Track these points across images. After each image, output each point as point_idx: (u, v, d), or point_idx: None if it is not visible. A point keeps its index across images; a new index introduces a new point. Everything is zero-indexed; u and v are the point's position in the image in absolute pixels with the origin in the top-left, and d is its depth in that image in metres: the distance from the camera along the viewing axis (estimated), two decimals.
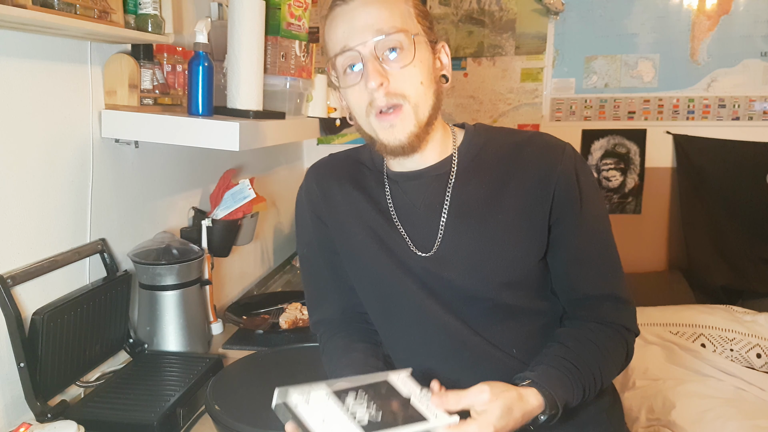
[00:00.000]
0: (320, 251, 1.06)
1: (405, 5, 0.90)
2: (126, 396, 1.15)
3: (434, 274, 0.94)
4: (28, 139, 1.10)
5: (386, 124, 0.88)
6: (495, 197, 0.93)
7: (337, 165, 1.05)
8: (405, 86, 0.87)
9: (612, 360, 0.92)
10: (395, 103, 0.87)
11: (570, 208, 0.92)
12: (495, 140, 0.98)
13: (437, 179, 0.95)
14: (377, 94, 0.86)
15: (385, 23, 0.86)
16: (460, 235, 0.93)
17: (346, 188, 1.01)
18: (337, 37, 0.89)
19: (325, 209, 1.03)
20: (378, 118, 0.88)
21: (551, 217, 0.92)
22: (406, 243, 0.95)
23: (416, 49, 0.87)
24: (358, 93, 0.89)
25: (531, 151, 0.94)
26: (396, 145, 0.89)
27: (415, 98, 0.88)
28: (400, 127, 0.88)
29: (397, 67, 0.87)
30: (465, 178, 0.95)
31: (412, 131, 0.88)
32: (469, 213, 0.93)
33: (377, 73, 0.85)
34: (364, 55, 0.87)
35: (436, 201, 0.95)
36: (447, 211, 0.94)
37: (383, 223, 0.97)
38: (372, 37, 0.86)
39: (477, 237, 0.92)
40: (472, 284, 0.93)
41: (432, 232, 0.94)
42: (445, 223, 0.93)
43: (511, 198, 0.92)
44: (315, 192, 1.04)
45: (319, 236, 1.05)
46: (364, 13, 0.87)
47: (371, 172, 1.02)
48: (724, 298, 2.48)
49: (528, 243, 0.92)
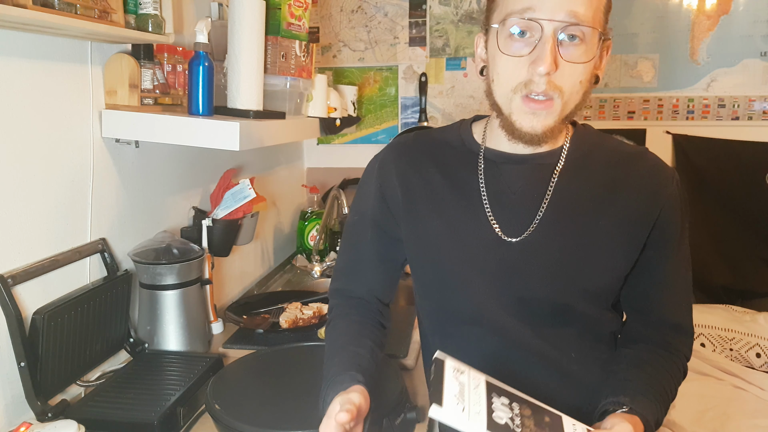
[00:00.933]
0: (370, 225, 1.02)
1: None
2: (126, 395, 1.15)
3: (513, 264, 0.90)
4: (29, 139, 1.10)
5: (529, 110, 0.83)
6: (600, 201, 0.91)
7: (422, 145, 1.00)
8: (566, 81, 0.82)
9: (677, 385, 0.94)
10: (550, 95, 0.82)
11: (670, 233, 0.92)
12: (604, 144, 0.96)
13: (542, 168, 0.92)
14: (540, 79, 0.80)
15: (582, 7, 0.79)
16: (555, 229, 0.90)
17: (428, 171, 0.97)
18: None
19: (397, 190, 0.98)
20: (524, 101, 0.83)
21: (650, 237, 0.91)
22: (493, 227, 0.91)
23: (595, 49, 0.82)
24: (517, 66, 0.82)
25: (643, 167, 0.93)
26: (529, 132, 0.85)
27: (569, 95, 0.83)
28: (543, 118, 0.83)
29: (570, 60, 0.80)
30: (572, 174, 0.92)
31: (550, 125, 0.84)
32: (570, 209, 0.90)
33: (551, 60, 0.78)
34: (545, 31, 0.79)
35: (538, 189, 0.91)
36: (548, 202, 0.90)
37: (468, 207, 0.93)
38: (564, 17, 0.78)
39: (573, 235, 0.90)
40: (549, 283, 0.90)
41: (525, 220, 0.91)
42: (544, 213, 0.90)
43: (615, 206, 0.90)
44: (390, 170, 0.99)
45: (375, 212, 1.01)
46: None
47: (461, 153, 0.97)
48: (724, 297, 2.48)
49: (621, 256, 0.91)
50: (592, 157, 0.94)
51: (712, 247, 2.60)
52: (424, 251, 0.98)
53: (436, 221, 0.95)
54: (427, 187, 0.96)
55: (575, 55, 0.81)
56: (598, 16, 0.82)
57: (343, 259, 1.08)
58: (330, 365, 0.91)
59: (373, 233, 1.03)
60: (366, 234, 1.03)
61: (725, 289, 2.54)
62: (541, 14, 0.79)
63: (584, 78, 0.83)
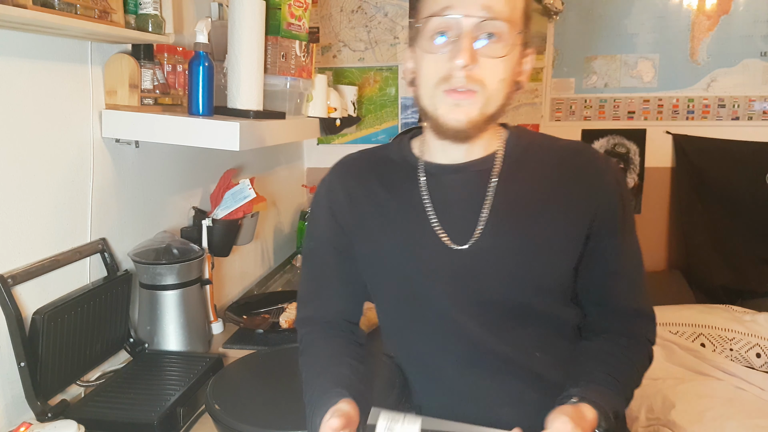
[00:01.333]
0: (328, 248, 1.03)
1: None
2: (126, 395, 1.15)
3: (467, 271, 0.92)
4: (29, 139, 1.10)
5: (452, 102, 0.85)
6: (540, 199, 0.92)
7: (366, 163, 1.02)
8: (487, 75, 0.84)
9: (641, 371, 0.94)
10: (472, 87, 0.84)
11: (612, 222, 0.93)
12: (539, 144, 0.97)
13: (479, 174, 0.93)
14: (459, 72, 0.83)
15: (497, 4, 0.82)
16: (500, 232, 0.91)
17: (373, 188, 0.98)
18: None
19: (346, 209, 1.00)
20: (446, 93, 0.85)
21: (591, 228, 0.92)
22: (440, 237, 0.93)
23: (511, 46, 0.84)
24: (438, 62, 0.84)
25: (579, 161, 0.94)
26: (454, 125, 0.86)
27: (491, 90, 0.85)
28: (466, 108, 0.85)
29: (488, 55, 0.83)
30: (509, 177, 0.93)
31: (474, 118, 0.86)
32: (512, 211, 0.92)
33: (468, 53, 0.81)
34: (462, 28, 0.82)
35: (477, 196, 0.93)
36: (489, 207, 0.92)
37: (414, 220, 0.94)
38: (480, 12, 0.82)
39: (518, 236, 0.91)
40: (504, 284, 0.92)
41: (470, 227, 0.92)
42: (487, 218, 0.91)
43: (556, 203, 0.92)
44: (337, 190, 1.01)
45: (330, 234, 1.03)
46: None
47: (402, 167, 0.99)
48: (724, 297, 2.48)
49: (566, 250, 0.92)
50: (528, 157, 0.95)
51: (712, 247, 2.60)
52: (378, 267, 0.99)
53: (387, 236, 0.96)
54: (374, 202, 0.98)
55: (493, 50, 0.83)
56: (515, 15, 0.85)
57: (306, 287, 1.08)
58: (311, 391, 0.91)
59: (332, 256, 1.03)
60: (324, 258, 1.04)
61: (725, 289, 2.54)
62: (459, 11, 0.82)
63: (505, 76, 0.86)
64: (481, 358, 0.94)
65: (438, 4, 0.84)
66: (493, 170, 0.94)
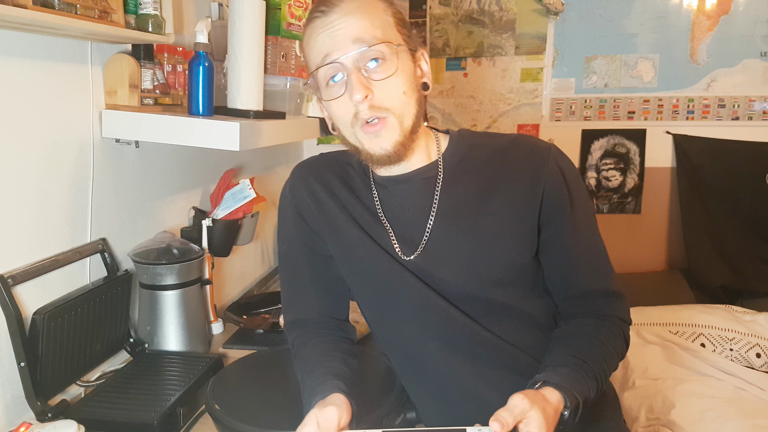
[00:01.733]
0: (300, 249, 1.06)
1: (384, 15, 0.90)
2: (126, 395, 1.15)
3: (427, 273, 0.94)
4: (29, 139, 1.10)
5: (371, 135, 0.89)
6: (483, 199, 0.94)
7: (326, 165, 1.05)
8: (388, 98, 0.88)
9: (613, 349, 0.94)
10: (380, 115, 0.88)
11: (560, 208, 0.94)
12: (480, 144, 0.99)
13: (425, 182, 0.96)
14: (362, 106, 0.87)
15: (366, 33, 0.86)
16: (448, 237, 0.94)
17: (335, 187, 1.01)
18: (317, 49, 0.89)
19: (312, 208, 1.02)
20: (363, 129, 0.89)
21: (541, 217, 0.94)
22: (393, 247, 0.96)
23: (398, 60, 0.88)
24: (343, 105, 0.89)
25: (517, 154, 0.95)
26: (382, 154, 0.90)
27: (400, 109, 0.89)
28: (386, 137, 0.89)
29: (380, 78, 0.87)
30: (452, 181, 0.96)
31: (397, 140, 0.89)
32: (457, 215, 0.94)
33: (362, 86, 0.85)
34: (347, 67, 0.87)
35: (425, 204, 0.95)
36: (435, 214, 0.94)
37: (373, 224, 0.97)
38: (354, 48, 0.86)
39: (466, 238, 0.93)
40: (464, 283, 0.94)
41: (420, 235, 0.95)
42: (432, 225, 0.94)
43: (499, 199, 0.93)
44: (300, 190, 1.04)
45: (299, 234, 1.05)
46: (345, 23, 0.87)
47: (359, 175, 1.02)
48: (724, 297, 2.49)
49: (518, 243, 0.93)
50: (470, 159, 0.97)
51: (712, 247, 2.60)
52: (353, 259, 1.01)
53: (355, 231, 0.98)
54: (338, 202, 1.00)
55: (382, 72, 0.87)
56: (388, 31, 0.89)
57: (286, 290, 1.10)
58: (305, 387, 0.94)
59: (304, 256, 1.06)
60: (298, 258, 1.07)
61: (725, 289, 2.54)
62: (336, 54, 0.87)
63: (405, 88, 0.89)
64: (460, 344, 0.95)
65: (318, 55, 0.89)
66: (438, 177, 0.96)
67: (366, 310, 1.06)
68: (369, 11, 0.88)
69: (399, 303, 0.98)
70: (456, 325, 0.95)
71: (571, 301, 0.98)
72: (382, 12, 0.90)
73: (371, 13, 0.88)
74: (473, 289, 0.94)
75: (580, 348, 0.90)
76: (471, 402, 0.96)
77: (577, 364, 0.87)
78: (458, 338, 0.95)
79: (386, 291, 0.99)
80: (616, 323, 0.96)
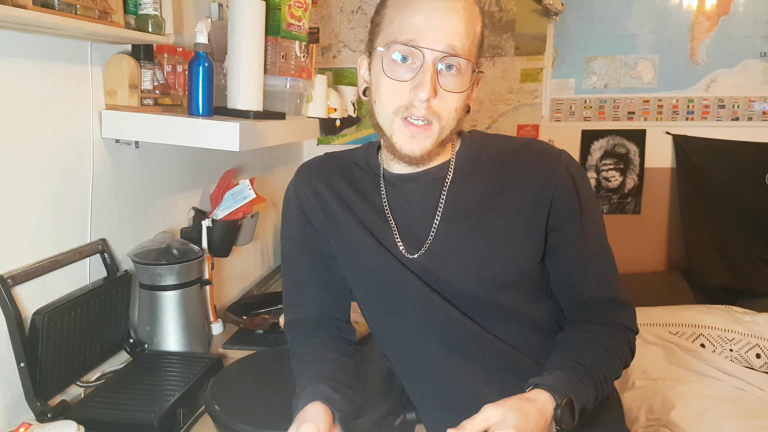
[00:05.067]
0: (302, 249, 1.06)
1: (478, 28, 0.89)
2: (126, 396, 1.15)
3: (431, 272, 0.94)
4: (29, 139, 1.10)
5: (409, 134, 0.88)
6: (491, 201, 0.93)
7: (331, 165, 1.05)
8: (444, 109, 0.88)
9: (617, 357, 0.93)
10: (429, 119, 0.87)
11: (569, 214, 0.93)
12: (491, 146, 0.99)
13: (434, 182, 0.96)
14: (420, 104, 0.86)
15: (461, 39, 0.85)
16: (454, 238, 0.93)
17: (339, 188, 1.01)
18: (408, 23, 0.85)
19: (317, 208, 1.02)
20: (404, 123, 0.88)
21: (549, 223, 0.93)
22: (398, 246, 0.95)
23: (469, 79, 0.88)
24: (399, 90, 0.87)
25: (528, 158, 0.95)
26: (410, 155, 0.90)
27: (446, 121, 0.89)
28: (422, 142, 0.89)
29: (449, 89, 0.86)
30: (461, 182, 0.95)
31: (428, 148, 0.90)
32: (464, 216, 0.94)
33: (431, 87, 0.84)
34: (426, 59, 0.85)
35: (432, 203, 0.95)
36: (441, 214, 0.94)
37: (378, 223, 0.97)
38: (446, 48, 0.84)
39: (472, 239, 0.93)
40: (467, 285, 0.93)
41: (425, 234, 0.95)
42: (438, 225, 0.94)
43: (507, 202, 0.93)
44: (304, 190, 1.04)
45: (302, 234, 1.05)
46: (448, 17, 0.85)
47: (366, 173, 1.02)
48: (724, 298, 2.48)
49: (524, 247, 0.93)
50: (480, 161, 0.97)
51: (712, 247, 2.60)
52: (352, 263, 1.01)
53: (359, 231, 0.98)
54: (343, 202, 1.00)
55: (452, 85, 0.87)
56: (473, 50, 0.88)
57: (287, 289, 1.11)
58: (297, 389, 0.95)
59: (306, 256, 1.06)
60: (300, 258, 1.07)
61: (725, 290, 2.54)
62: (423, 44, 0.84)
63: (459, 106, 0.89)
64: (460, 346, 0.95)
65: (404, 32, 0.85)
66: (447, 178, 0.96)
67: (367, 311, 1.06)
68: (471, 17, 0.87)
69: (400, 303, 0.98)
70: (457, 327, 0.94)
71: (577, 308, 0.98)
72: (478, 23, 0.89)
73: (471, 21, 0.87)
74: (476, 290, 0.93)
75: (581, 353, 0.90)
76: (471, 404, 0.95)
77: (574, 367, 0.87)
78: (459, 340, 0.95)
79: (388, 291, 0.98)
80: (621, 331, 0.95)
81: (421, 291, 0.95)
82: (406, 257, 0.95)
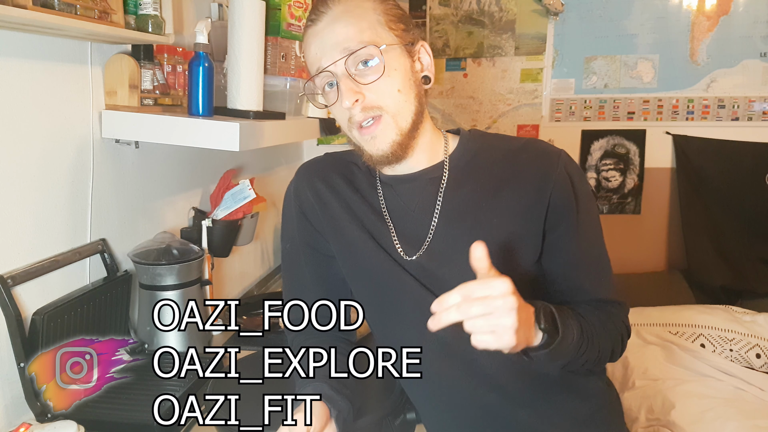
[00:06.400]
0: (303, 249, 1.06)
1: (374, 14, 0.90)
2: (126, 395, 1.15)
3: (429, 273, 0.94)
4: (29, 139, 1.10)
5: (368, 137, 0.90)
6: (489, 201, 0.94)
7: (331, 165, 1.06)
8: (381, 98, 0.88)
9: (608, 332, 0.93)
10: (373, 115, 0.88)
11: (567, 214, 0.93)
12: (489, 146, 0.99)
13: (431, 182, 0.96)
14: (354, 110, 0.88)
15: (351, 40, 0.87)
16: (451, 237, 0.94)
17: (339, 188, 1.01)
18: (311, 58, 0.91)
19: (316, 208, 1.03)
20: (360, 132, 0.90)
21: (546, 222, 0.93)
22: (395, 247, 0.96)
23: (387, 60, 0.88)
24: (338, 110, 0.91)
25: (526, 158, 0.95)
26: (380, 155, 0.91)
27: (394, 107, 0.89)
28: (381, 137, 0.89)
29: (369, 81, 0.87)
30: (458, 183, 0.95)
31: (394, 140, 0.90)
32: (461, 216, 0.94)
33: (350, 92, 0.87)
34: (336, 74, 0.88)
35: (429, 204, 0.95)
36: (438, 215, 0.94)
37: (377, 224, 0.98)
38: (340, 56, 0.87)
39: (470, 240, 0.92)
40: None
41: (424, 234, 0.95)
42: (436, 226, 0.94)
43: (505, 202, 0.93)
44: (305, 190, 1.04)
45: (302, 234, 1.06)
46: (332, 32, 0.88)
47: (364, 174, 1.02)
48: (724, 298, 2.49)
49: (522, 247, 0.93)
50: (478, 160, 0.97)
51: (712, 247, 2.60)
52: (354, 259, 1.01)
53: (357, 231, 0.98)
54: (342, 202, 1.00)
55: (372, 74, 0.87)
56: (377, 32, 0.88)
57: (287, 288, 1.11)
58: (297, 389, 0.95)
59: (307, 256, 1.06)
60: (300, 258, 1.07)
61: (725, 290, 2.54)
62: (325, 63, 0.88)
63: (400, 86, 0.89)
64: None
65: (312, 65, 0.91)
66: (443, 178, 0.96)
67: (367, 311, 1.06)
68: (356, 14, 0.88)
69: (398, 304, 0.98)
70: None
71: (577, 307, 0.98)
72: (371, 12, 0.89)
73: (358, 16, 0.88)
74: None
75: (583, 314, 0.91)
76: (470, 404, 0.95)
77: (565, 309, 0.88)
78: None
79: (386, 292, 0.99)
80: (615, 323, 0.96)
81: (417, 292, 0.95)
82: (404, 259, 0.95)
